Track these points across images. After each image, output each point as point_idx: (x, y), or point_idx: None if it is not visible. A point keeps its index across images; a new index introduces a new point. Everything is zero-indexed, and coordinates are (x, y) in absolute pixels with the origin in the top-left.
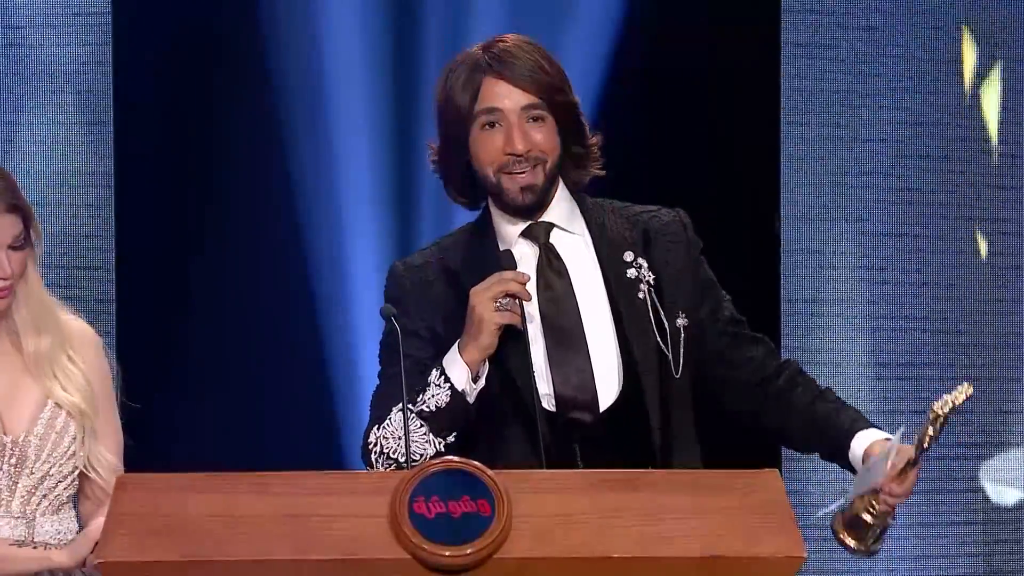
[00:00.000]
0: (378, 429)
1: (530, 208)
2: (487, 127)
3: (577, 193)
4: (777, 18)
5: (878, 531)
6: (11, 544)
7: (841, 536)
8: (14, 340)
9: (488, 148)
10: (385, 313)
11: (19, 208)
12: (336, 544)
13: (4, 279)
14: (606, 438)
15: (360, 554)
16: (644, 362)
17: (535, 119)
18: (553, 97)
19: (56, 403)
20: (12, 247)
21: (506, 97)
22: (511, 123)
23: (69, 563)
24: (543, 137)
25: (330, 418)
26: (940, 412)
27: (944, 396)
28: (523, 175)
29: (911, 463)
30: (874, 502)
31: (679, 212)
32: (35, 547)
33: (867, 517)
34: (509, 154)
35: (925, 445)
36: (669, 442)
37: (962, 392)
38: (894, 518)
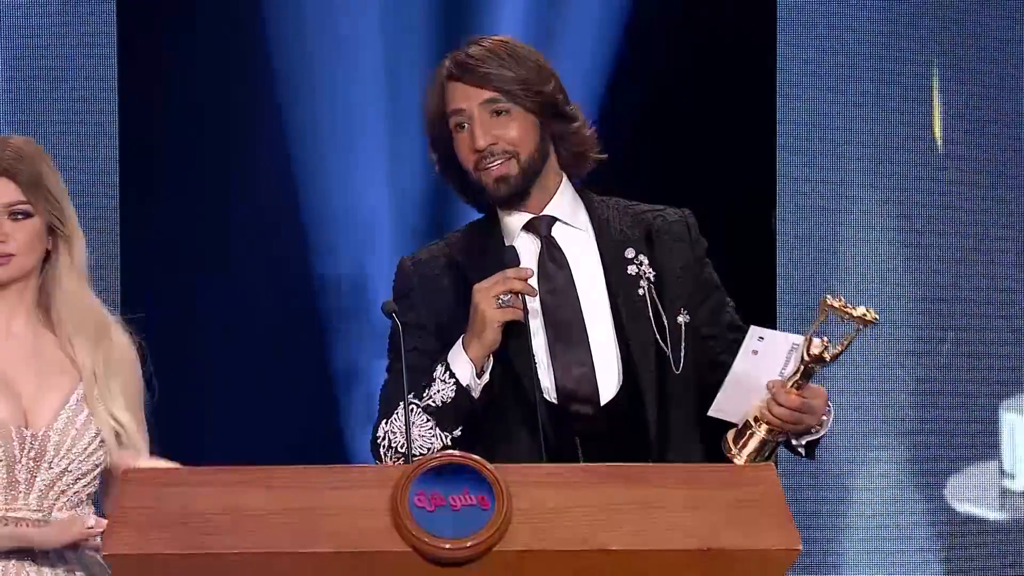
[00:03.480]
0: (386, 424)
1: (507, 198)
2: (458, 128)
3: (583, 190)
4: (773, 17)
5: (763, 447)
6: None
7: (727, 445)
8: (58, 338)
9: (462, 149)
10: (386, 310)
11: (15, 177)
12: (338, 537)
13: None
14: (606, 431)
15: (362, 547)
16: (641, 357)
17: (499, 112)
18: (521, 89)
19: (84, 398)
20: (11, 217)
21: (467, 97)
22: (474, 120)
23: (42, 544)
24: (512, 131)
25: (334, 413)
26: (835, 306)
27: (850, 307)
28: (495, 167)
29: (802, 374)
30: (763, 411)
31: (685, 212)
32: (6, 523)
33: (755, 427)
34: (475, 151)
35: (821, 356)
36: (666, 437)
37: (868, 314)
38: (784, 436)
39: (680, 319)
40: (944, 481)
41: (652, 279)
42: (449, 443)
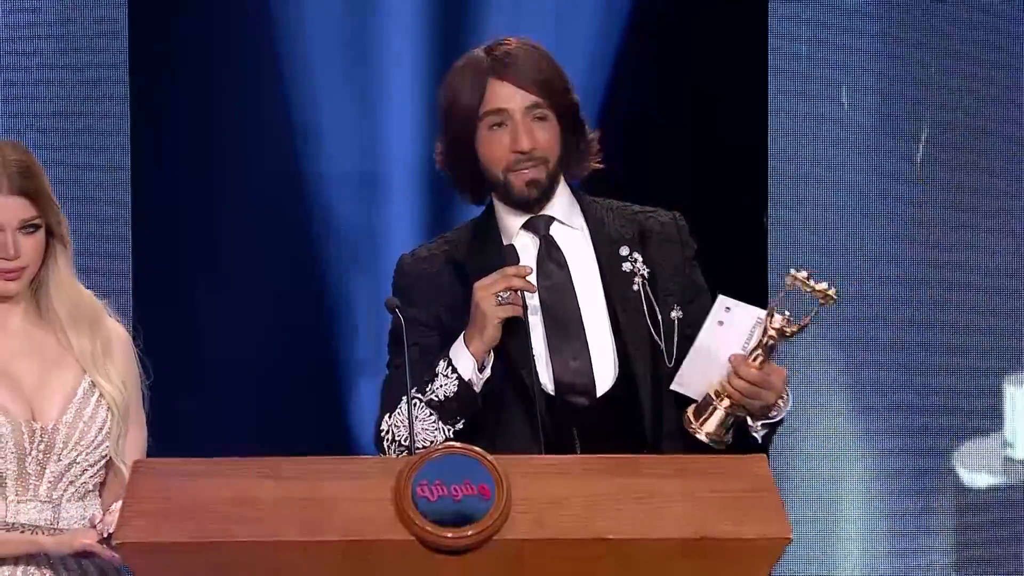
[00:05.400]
0: (389, 418)
1: (534, 201)
2: (494, 127)
3: (577, 191)
4: (764, 16)
5: (724, 422)
6: None
7: (687, 419)
8: (54, 332)
9: (495, 148)
10: (390, 305)
11: (27, 193)
12: (342, 526)
13: (7, 260)
14: (603, 423)
15: (365, 536)
16: (636, 351)
17: (539, 118)
18: (555, 97)
19: (89, 391)
20: (22, 231)
21: (511, 98)
22: (516, 122)
23: (54, 550)
24: (546, 136)
25: (337, 404)
26: (800, 282)
27: (813, 281)
28: (528, 171)
29: (764, 348)
30: (724, 385)
31: (676, 215)
32: (22, 531)
33: (715, 402)
34: (516, 152)
35: (782, 330)
36: (660, 429)
37: (829, 291)
38: (744, 411)
39: (673, 314)
40: (949, 456)
41: (646, 276)
42: (451, 436)
